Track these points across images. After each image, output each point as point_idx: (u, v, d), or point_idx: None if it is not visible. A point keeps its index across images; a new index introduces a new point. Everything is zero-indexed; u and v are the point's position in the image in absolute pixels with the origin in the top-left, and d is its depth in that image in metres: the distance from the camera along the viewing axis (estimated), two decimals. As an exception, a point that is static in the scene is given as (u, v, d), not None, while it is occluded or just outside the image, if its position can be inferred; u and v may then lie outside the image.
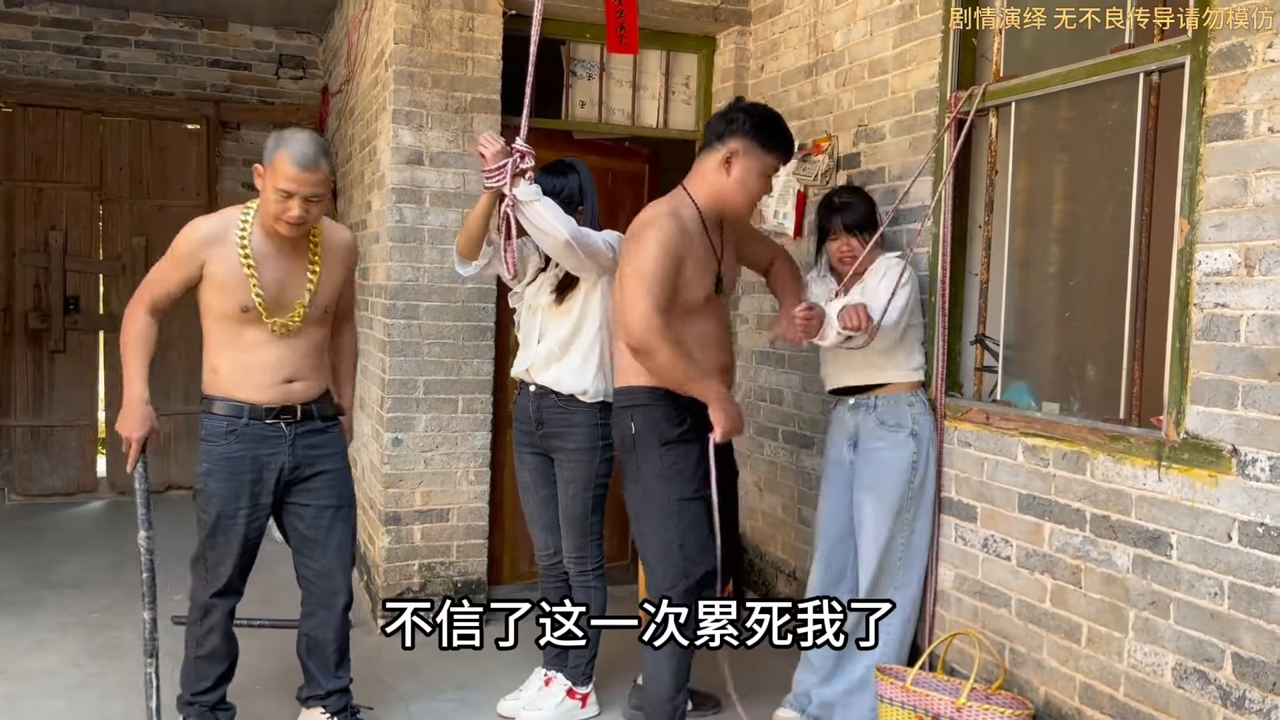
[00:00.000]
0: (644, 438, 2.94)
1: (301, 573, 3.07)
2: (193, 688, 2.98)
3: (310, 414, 2.98)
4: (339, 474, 3.05)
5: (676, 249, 2.84)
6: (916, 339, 3.21)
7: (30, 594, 4.45)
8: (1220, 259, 2.35)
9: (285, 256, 2.89)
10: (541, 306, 3.30)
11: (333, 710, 3.07)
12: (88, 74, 6.21)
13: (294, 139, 2.78)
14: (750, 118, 2.91)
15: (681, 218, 2.91)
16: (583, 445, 3.23)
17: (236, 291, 2.84)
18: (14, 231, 6.08)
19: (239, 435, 2.91)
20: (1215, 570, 2.35)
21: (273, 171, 2.75)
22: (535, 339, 3.32)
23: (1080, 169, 3.11)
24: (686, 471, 2.94)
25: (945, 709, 2.80)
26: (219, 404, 2.93)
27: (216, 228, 2.86)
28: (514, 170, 2.99)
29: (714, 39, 4.61)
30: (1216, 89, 2.35)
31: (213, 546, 2.94)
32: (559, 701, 3.31)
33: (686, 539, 2.93)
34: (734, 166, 2.91)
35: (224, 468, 2.91)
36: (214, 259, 2.83)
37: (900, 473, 3.13)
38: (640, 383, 2.95)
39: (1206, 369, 2.38)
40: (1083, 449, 2.71)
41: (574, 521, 3.28)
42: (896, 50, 3.51)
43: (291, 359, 2.93)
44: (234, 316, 2.86)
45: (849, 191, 3.31)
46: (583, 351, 3.24)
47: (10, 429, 6.12)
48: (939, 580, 3.23)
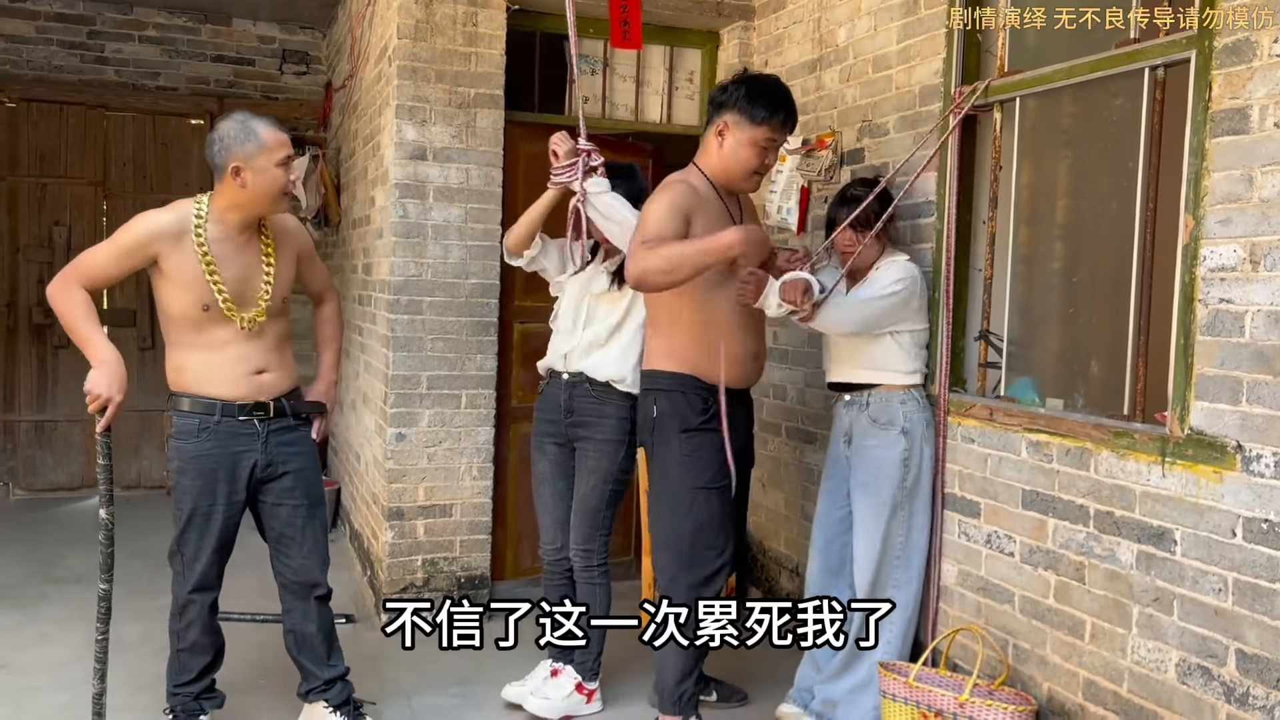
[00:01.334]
0: (665, 422, 2.96)
1: (278, 569, 3.06)
2: (176, 679, 3.01)
3: (283, 410, 2.96)
4: (309, 472, 3.05)
5: (682, 206, 2.87)
6: (915, 344, 3.19)
7: (34, 588, 4.46)
8: (1225, 254, 2.34)
9: (242, 252, 2.87)
10: (592, 294, 3.33)
11: (335, 703, 3.08)
12: (91, 69, 6.21)
13: (252, 117, 2.83)
14: (740, 88, 2.93)
15: (691, 183, 2.96)
16: (610, 436, 3.26)
17: (196, 289, 2.80)
18: (18, 227, 6.09)
19: (212, 433, 2.87)
20: (1219, 566, 2.35)
21: (265, 151, 2.77)
22: (579, 325, 3.34)
23: (1084, 165, 3.10)
24: (705, 460, 2.96)
25: (948, 705, 2.79)
26: (189, 400, 2.88)
27: (170, 223, 2.80)
28: (585, 167, 3.14)
29: (718, 34, 4.60)
30: (1222, 84, 2.34)
31: (187, 543, 2.93)
32: (567, 694, 3.32)
33: (698, 532, 2.95)
34: (726, 139, 2.95)
35: (195, 465, 2.88)
36: (168, 255, 2.79)
37: (892, 470, 3.12)
38: (666, 368, 2.98)
39: (1211, 365, 2.37)
40: (1086, 445, 2.71)
41: (587, 513, 3.29)
42: (901, 45, 3.50)
43: (258, 351, 2.92)
44: (194, 315, 2.83)
45: (864, 185, 3.26)
46: (626, 340, 3.29)
47: (14, 424, 6.13)
48: (942, 576, 3.23)
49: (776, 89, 2.96)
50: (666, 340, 3.02)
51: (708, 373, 2.96)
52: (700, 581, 2.95)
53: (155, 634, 3.90)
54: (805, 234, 3.99)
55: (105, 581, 2.84)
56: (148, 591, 4.35)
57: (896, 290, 3.09)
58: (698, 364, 2.97)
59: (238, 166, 2.76)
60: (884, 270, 3.17)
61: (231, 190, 2.80)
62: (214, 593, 2.99)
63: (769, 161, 3.00)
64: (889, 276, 3.13)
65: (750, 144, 2.93)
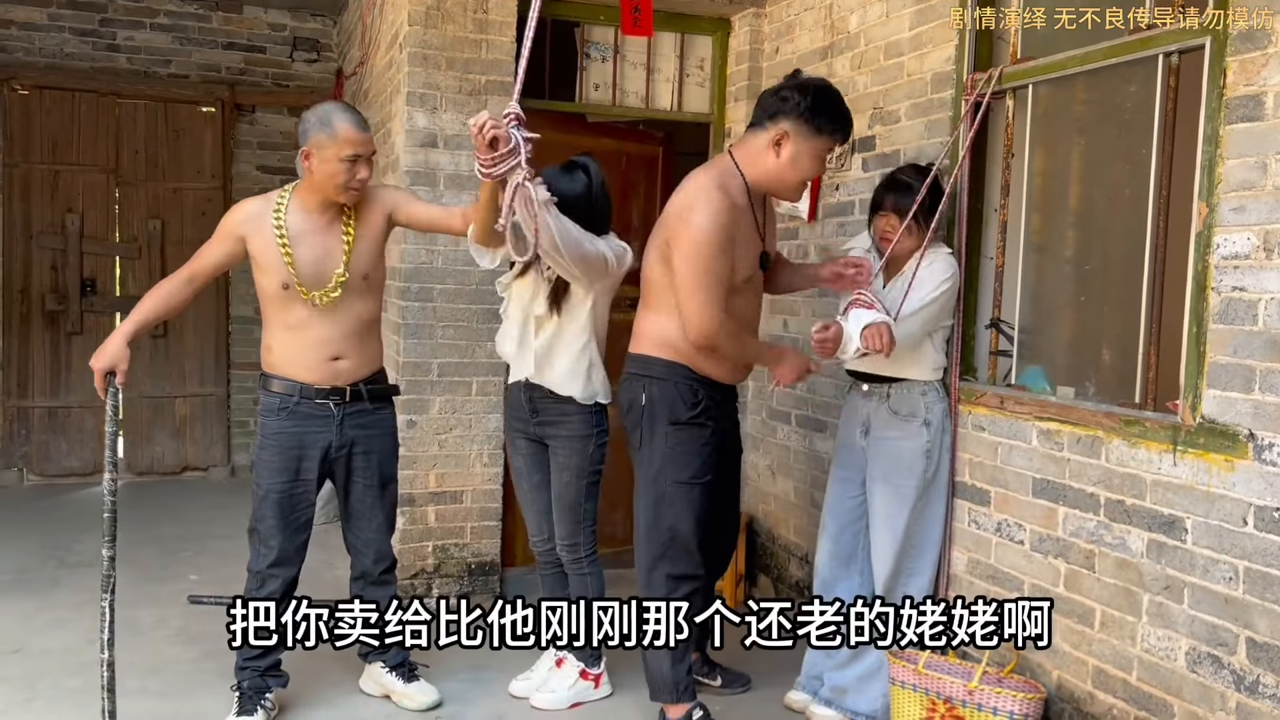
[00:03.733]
0: (655, 412, 2.94)
1: (349, 540, 3.27)
2: (247, 653, 3.08)
3: (359, 395, 3.10)
4: (384, 454, 3.21)
5: (728, 228, 2.81)
6: (942, 339, 3.17)
7: (48, 573, 4.49)
8: (1239, 242, 2.33)
9: (320, 233, 3.01)
10: (534, 315, 3.16)
11: (392, 664, 3.27)
12: (103, 56, 6.22)
13: (339, 110, 2.97)
14: (804, 98, 2.84)
15: (729, 192, 2.86)
16: (577, 433, 3.20)
17: (275, 269, 2.97)
18: (31, 214, 6.11)
19: (290, 412, 3.04)
20: (1230, 555, 2.34)
21: (335, 144, 2.89)
22: (524, 346, 3.18)
23: (1097, 152, 3.09)
24: (690, 454, 2.95)
25: (957, 692, 2.80)
26: (276, 382, 3.06)
27: (257, 208, 3.02)
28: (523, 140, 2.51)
29: (729, 21, 4.59)
30: (1237, 70, 2.33)
31: (263, 519, 3.07)
32: (572, 683, 3.33)
33: (676, 529, 2.95)
34: (784, 149, 2.87)
35: (274, 443, 3.06)
36: (253, 236, 2.98)
37: (914, 462, 3.11)
38: (659, 354, 2.96)
39: (1223, 353, 2.36)
40: (1097, 433, 2.70)
41: (567, 508, 3.25)
42: (913, 32, 3.48)
43: (335, 337, 3.04)
44: (278, 294, 3.00)
45: (915, 172, 3.15)
46: (569, 362, 3.14)
47: (28, 410, 6.17)
48: (952, 564, 3.23)
49: (838, 99, 2.91)
50: (662, 327, 2.96)
51: (702, 366, 2.96)
52: (674, 579, 2.95)
53: (169, 618, 3.94)
54: (816, 222, 3.98)
55: (109, 547, 2.89)
56: (160, 577, 4.39)
57: (946, 289, 3.05)
58: (692, 356, 2.94)
59: (308, 151, 2.93)
60: (931, 266, 3.08)
61: (305, 174, 2.98)
62: (292, 569, 3.11)
63: (822, 170, 3.00)
64: (937, 274, 3.06)
65: (812, 155, 2.89)
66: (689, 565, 2.99)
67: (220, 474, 6.54)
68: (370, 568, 3.25)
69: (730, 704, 3.35)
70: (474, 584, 4.22)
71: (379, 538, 3.25)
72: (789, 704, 3.32)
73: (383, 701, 3.29)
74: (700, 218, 2.79)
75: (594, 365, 3.19)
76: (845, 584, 3.30)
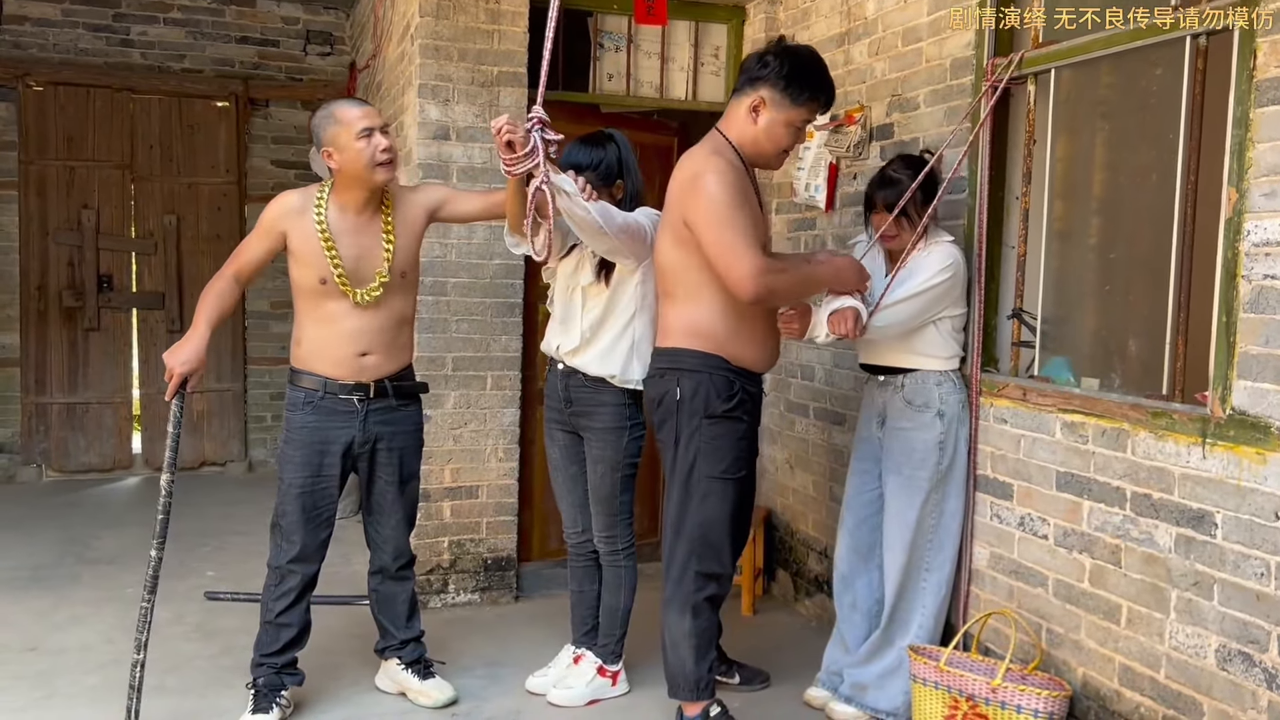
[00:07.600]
0: (688, 406, 2.84)
1: (370, 535, 3.27)
2: (263, 649, 3.09)
3: (384, 391, 3.09)
4: (407, 451, 3.21)
5: (738, 185, 2.74)
6: (955, 328, 3.11)
7: (66, 570, 4.50)
8: (1270, 229, 2.27)
9: (362, 231, 3.03)
10: (580, 286, 3.21)
11: (408, 660, 3.26)
12: (117, 51, 6.23)
13: (336, 101, 3.04)
14: (782, 64, 2.77)
15: (731, 162, 2.80)
16: (610, 425, 3.19)
17: (315, 265, 2.98)
18: (47, 211, 6.14)
19: (315, 407, 3.05)
20: (1262, 550, 2.28)
21: (345, 127, 2.92)
22: (569, 319, 3.23)
23: (1122, 137, 3.02)
24: (725, 449, 2.86)
25: (980, 689, 2.75)
26: (304, 377, 3.06)
27: (295, 201, 3.02)
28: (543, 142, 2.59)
29: (744, 9, 4.53)
30: (1267, 51, 2.26)
31: (285, 513, 3.07)
32: (590, 679, 3.30)
33: (708, 526, 2.88)
34: (760, 116, 2.81)
35: (299, 436, 3.06)
36: (294, 231, 2.99)
37: (927, 453, 3.06)
38: (690, 346, 2.85)
39: (1254, 343, 2.30)
40: (1123, 425, 2.64)
41: (603, 501, 3.25)
42: (931, 17, 3.42)
43: (367, 332, 3.04)
44: (314, 289, 3.00)
45: (903, 165, 3.12)
46: (612, 336, 3.17)
47: (46, 406, 6.19)
48: (974, 559, 3.18)
49: (818, 67, 2.83)
50: (688, 316, 2.86)
51: (736, 355, 2.85)
52: (702, 577, 2.90)
53: (186, 615, 3.94)
54: (834, 212, 3.93)
55: (158, 549, 2.88)
56: (178, 573, 4.39)
57: (942, 280, 3.00)
58: (724, 344, 2.84)
59: (329, 150, 2.95)
60: (928, 256, 3.04)
61: (336, 172, 3.00)
62: (313, 566, 3.11)
63: (800, 140, 2.93)
64: (933, 264, 3.01)
65: (787, 124, 2.81)
66: (717, 563, 2.93)
67: (238, 469, 6.55)
68: (389, 563, 3.24)
69: (749, 701, 3.32)
70: (490, 579, 4.19)
71: (398, 534, 3.24)
72: (808, 701, 3.28)
73: (398, 698, 3.28)
74: (710, 179, 2.72)
75: (636, 347, 3.16)
76: (864, 578, 3.26)
